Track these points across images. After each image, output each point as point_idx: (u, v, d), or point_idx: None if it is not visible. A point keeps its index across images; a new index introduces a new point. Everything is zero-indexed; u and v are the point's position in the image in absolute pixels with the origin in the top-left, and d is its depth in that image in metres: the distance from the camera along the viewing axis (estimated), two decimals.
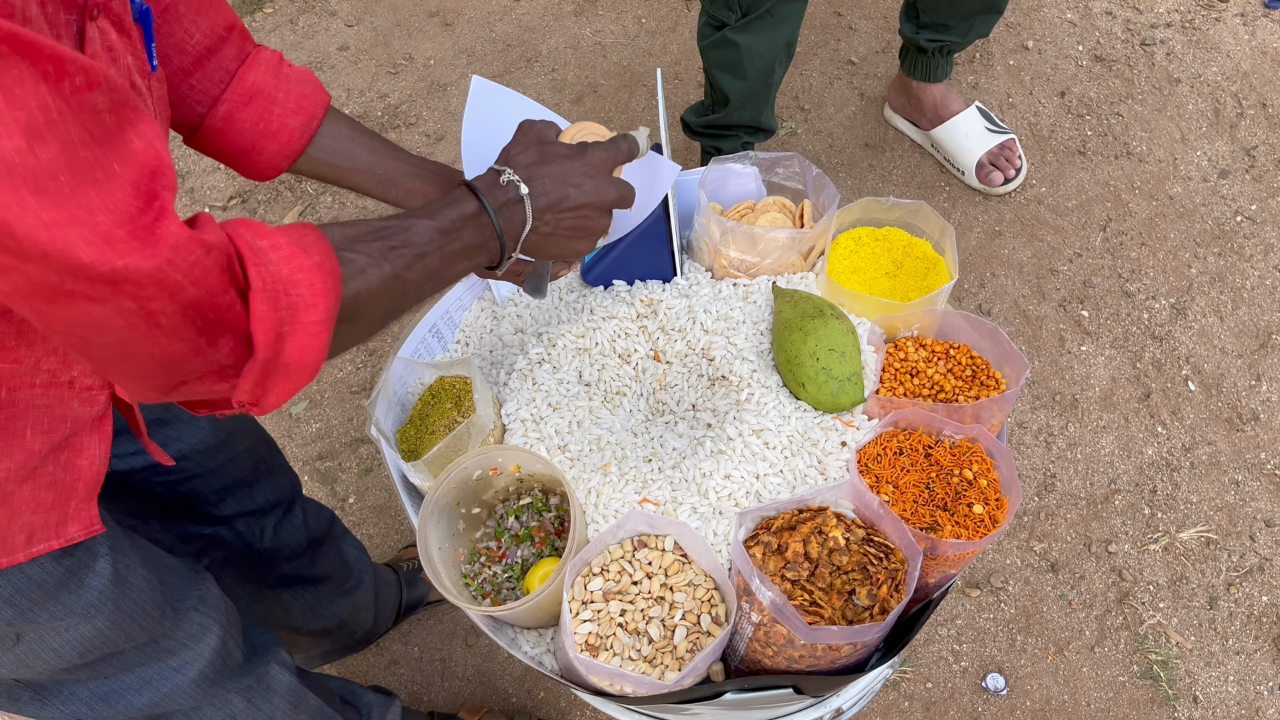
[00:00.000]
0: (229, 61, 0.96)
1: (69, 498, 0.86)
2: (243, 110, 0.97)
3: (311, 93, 1.01)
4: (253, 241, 0.66)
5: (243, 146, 0.99)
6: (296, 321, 0.67)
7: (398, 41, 2.64)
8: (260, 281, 0.65)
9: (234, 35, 0.96)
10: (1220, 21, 2.54)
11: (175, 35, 0.91)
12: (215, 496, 1.28)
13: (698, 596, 1.10)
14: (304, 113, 1.00)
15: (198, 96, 0.96)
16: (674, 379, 1.30)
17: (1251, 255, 2.17)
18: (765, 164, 1.41)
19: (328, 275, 0.69)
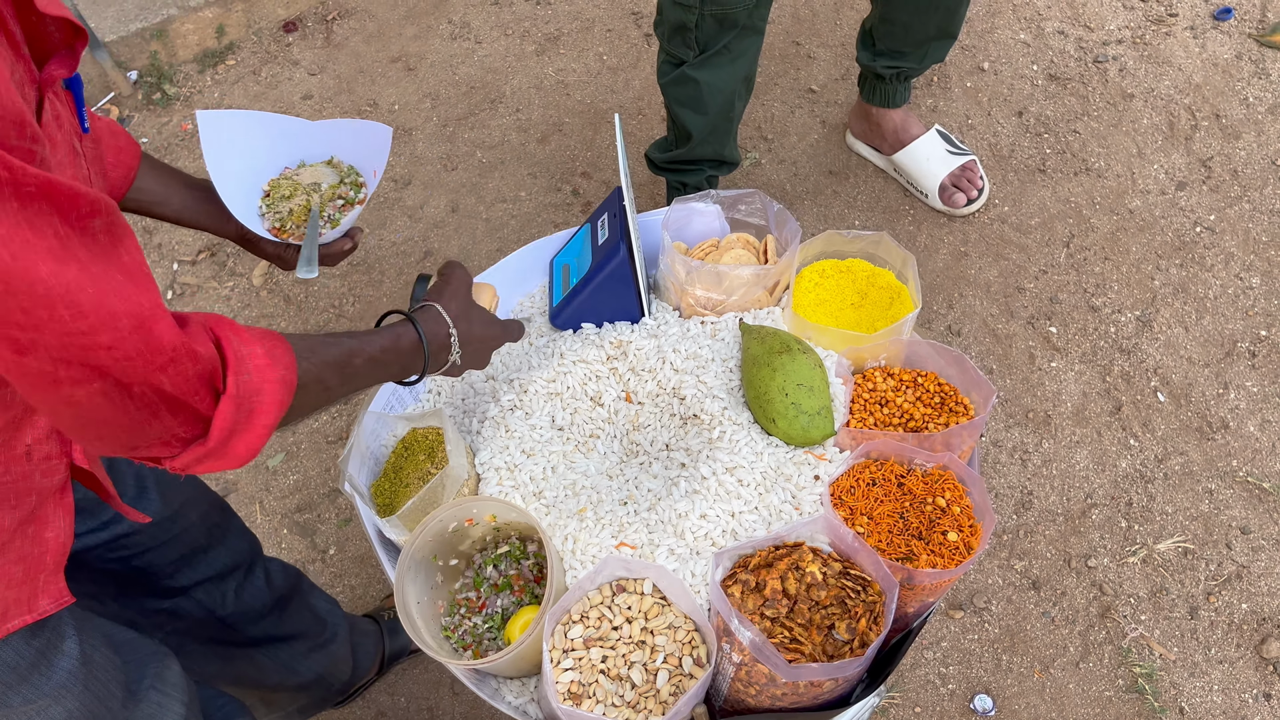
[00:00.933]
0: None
1: (38, 571, 0.86)
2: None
3: (126, 145, 1.11)
4: (238, 349, 0.76)
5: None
6: (250, 424, 0.77)
7: (361, 88, 2.65)
8: (235, 389, 0.75)
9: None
10: (1170, 36, 2.59)
11: None
12: (171, 568, 1.26)
13: (678, 639, 1.10)
14: (120, 167, 1.10)
15: None
16: (646, 419, 1.30)
17: (1212, 265, 2.20)
18: (727, 201, 1.42)
19: (286, 388, 0.79)
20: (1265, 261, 2.20)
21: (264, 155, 1.27)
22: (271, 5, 2.78)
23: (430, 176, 2.47)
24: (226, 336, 0.76)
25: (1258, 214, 2.27)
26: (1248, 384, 2.04)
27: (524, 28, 2.75)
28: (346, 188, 1.29)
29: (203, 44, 2.72)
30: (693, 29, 1.82)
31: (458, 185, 2.45)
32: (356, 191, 1.29)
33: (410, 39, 2.75)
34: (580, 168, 2.46)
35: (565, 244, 1.44)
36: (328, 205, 1.27)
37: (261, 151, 1.27)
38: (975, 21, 2.63)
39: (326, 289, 2.29)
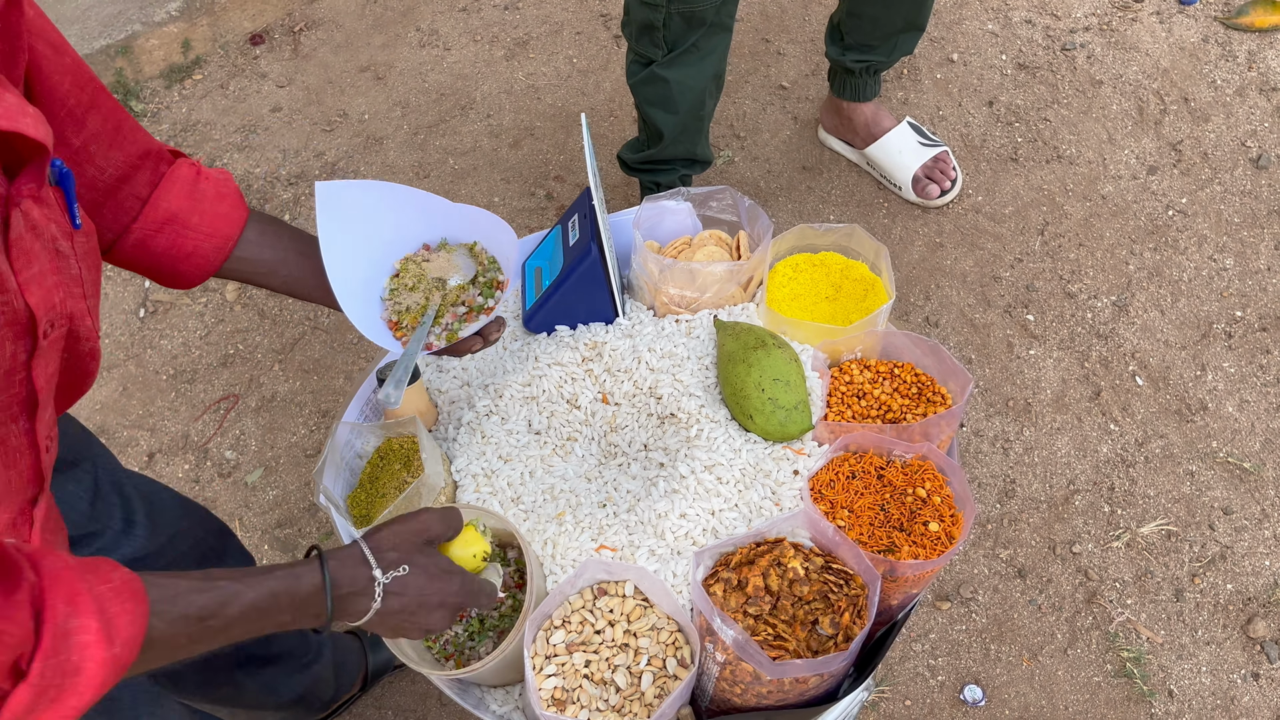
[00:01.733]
0: (140, 188, 0.97)
1: None
2: (154, 238, 0.99)
3: (228, 210, 1.02)
4: (64, 624, 0.66)
5: (157, 269, 1.02)
6: (56, 705, 0.66)
7: (330, 99, 2.63)
8: (39, 677, 0.64)
9: (147, 162, 0.97)
10: (1137, 21, 2.60)
11: (87, 174, 0.92)
12: None
13: (662, 640, 1.09)
14: (218, 236, 1.02)
15: (108, 224, 0.97)
16: (624, 420, 1.29)
17: (1186, 248, 2.21)
18: (698, 199, 1.42)
19: (114, 668, 0.69)
20: (1238, 243, 2.21)
21: (394, 231, 1.13)
22: (237, 18, 2.76)
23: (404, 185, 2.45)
24: (53, 609, 0.65)
25: (1229, 195, 2.28)
26: (1225, 365, 2.05)
27: (493, 33, 2.74)
28: (477, 290, 1.11)
29: (169, 59, 2.70)
30: (660, 28, 1.82)
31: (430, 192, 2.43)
32: (489, 296, 1.10)
33: (379, 48, 2.73)
34: (553, 171, 2.45)
35: (536, 247, 1.43)
36: (449, 311, 1.10)
37: (390, 229, 1.12)
38: (943, 13, 2.63)
39: (300, 303, 2.27)
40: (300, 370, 2.18)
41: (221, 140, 2.56)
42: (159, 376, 2.18)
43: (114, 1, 2.66)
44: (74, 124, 0.89)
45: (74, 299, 0.77)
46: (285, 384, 2.16)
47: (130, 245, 0.99)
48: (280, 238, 1.07)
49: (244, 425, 2.11)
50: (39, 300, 0.72)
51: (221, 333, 2.24)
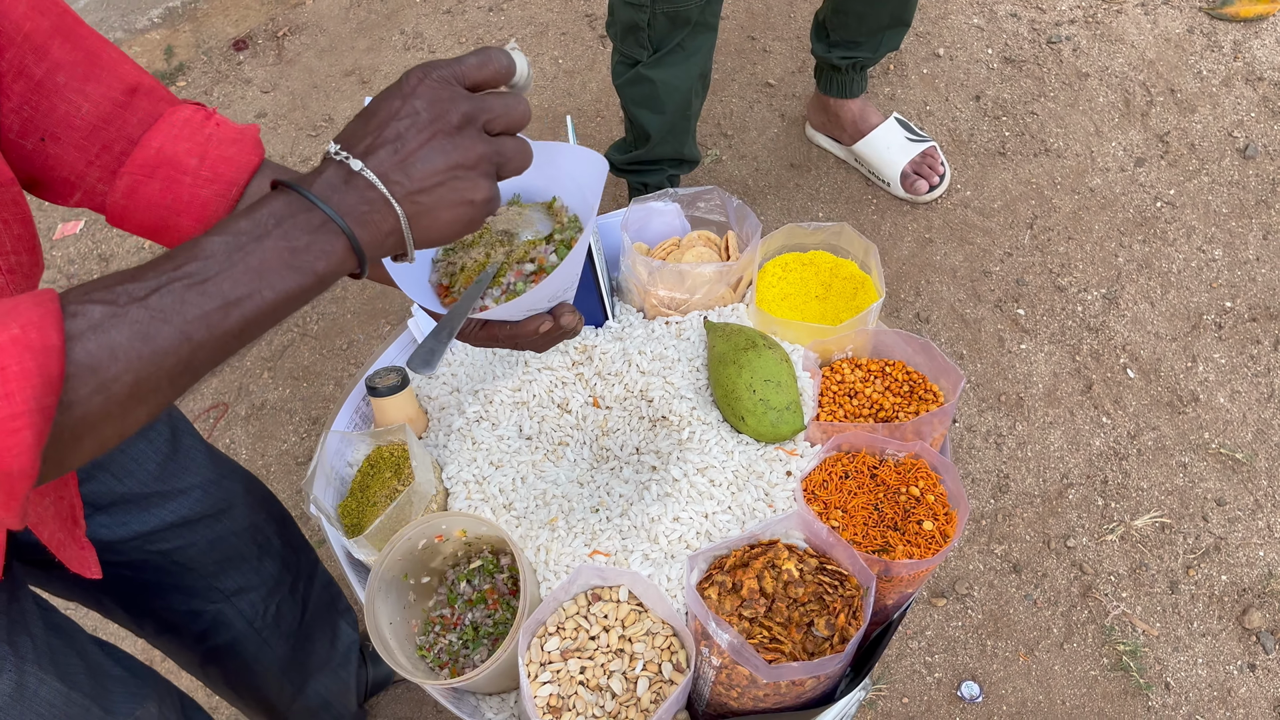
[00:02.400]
0: (130, 128, 0.84)
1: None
2: (146, 184, 0.84)
3: (235, 154, 0.86)
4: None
5: (153, 224, 0.86)
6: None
7: (315, 104, 2.62)
8: None
9: (137, 98, 0.84)
10: (1122, 13, 2.60)
11: (59, 110, 0.81)
12: (215, 568, 1.24)
13: (657, 645, 1.08)
14: (220, 180, 0.85)
15: (97, 174, 0.84)
16: (615, 424, 1.29)
17: (1175, 239, 2.21)
18: (686, 199, 1.41)
19: (30, 352, 0.53)
20: (1226, 233, 2.21)
21: None
22: (220, 24, 2.74)
23: None
24: None
25: (1217, 186, 2.28)
26: (1215, 356, 2.05)
27: (477, 35, 2.73)
28: (550, 249, 0.89)
29: (151, 66, 2.68)
30: (645, 28, 1.81)
31: None
32: (563, 253, 0.88)
33: (363, 52, 2.72)
34: None
35: None
36: (513, 268, 0.88)
37: None
38: (928, 8, 2.63)
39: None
40: (290, 377, 2.17)
41: None
42: None
43: (95, 9, 2.64)
44: (33, 52, 0.78)
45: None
46: (274, 391, 2.15)
47: (121, 195, 0.85)
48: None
49: (234, 434, 2.10)
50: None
51: None
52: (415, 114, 0.66)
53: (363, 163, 0.65)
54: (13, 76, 0.77)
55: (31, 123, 0.80)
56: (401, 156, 0.66)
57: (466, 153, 0.67)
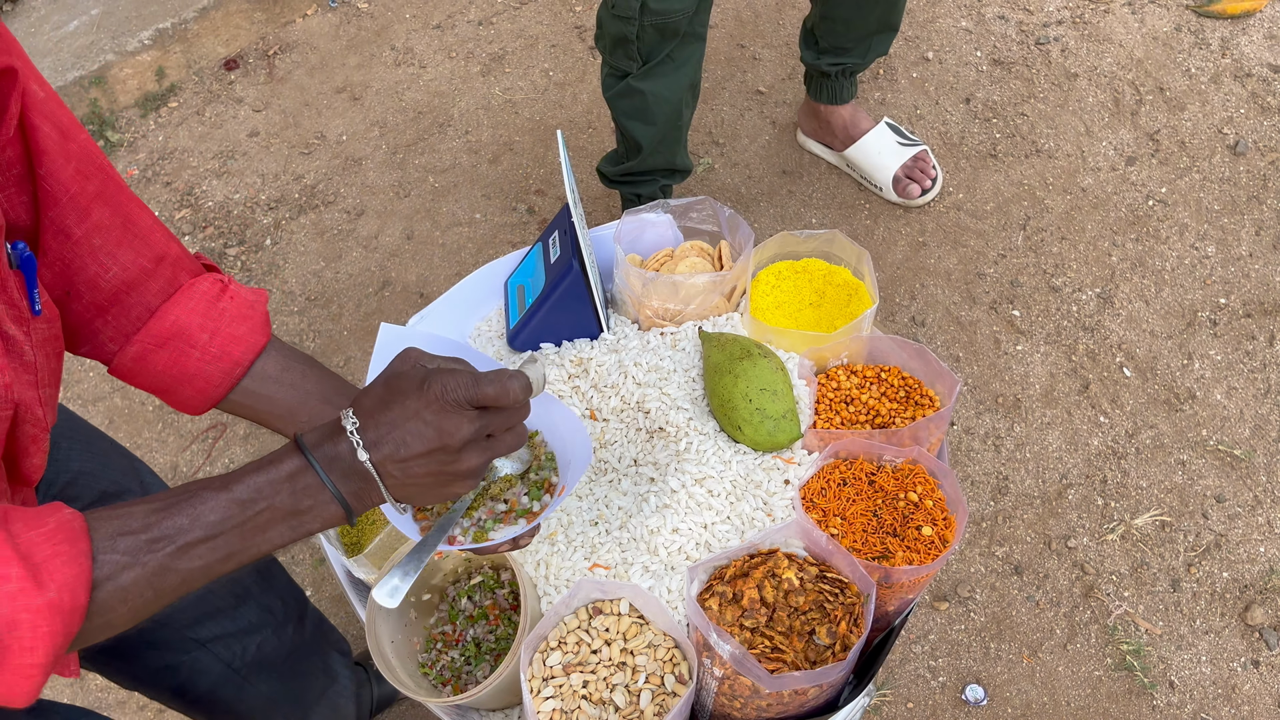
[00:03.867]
0: (151, 297, 0.89)
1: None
2: (155, 354, 0.90)
3: (245, 333, 0.92)
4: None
5: (157, 388, 0.93)
6: (5, 665, 0.61)
7: (307, 121, 2.62)
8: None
9: (162, 268, 0.89)
10: (1109, 13, 2.61)
11: (89, 271, 0.85)
12: (190, 620, 1.24)
13: (659, 657, 1.08)
14: (226, 359, 0.91)
15: (110, 334, 0.89)
16: (612, 436, 1.29)
17: (1167, 237, 2.22)
18: (678, 210, 1.41)
19: (59, 615, 0.62)
20: (1219, 230, 2.22)
21: None
22: (211, 44, 2.75)
23: (383, 205, 2.44)
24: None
25: (1208, 183, 2.29)
26: (1211, 353, 2.05)
27: (468, 49, 2.73)
28: (524, 490, 0.96)
29: (143, 88, 2.68)
30: (634, 40, 1.81)
31: (411, 212, 2.42)
32: (535, 499, 0.95)
33: (354, 68, 2.72)
34: (534, 185, 2.44)
35: (519, 264, 1.42)
36: (485, 504, 0.95)
37: None
38: (916, 12, 2.64)
39: (285, 326, 2.26)
40: None
41: (199, 167, 2.55)
42: (145, 408, 2.17)
43: (86, 32, 2.65)
44: (76, 213, 0.83)
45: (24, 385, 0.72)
46: None
47: (130, 358, 0.90)
48: (306, 377, 0.95)
49: (232, 454, 2.10)
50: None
51: None
52: (424, 425, 0.75)
53: (369, 455, 0.75)
54: (52, 234, 0.82)
55: (62, 277, 0.85)
56: (402, 458, 0.75)
57: (460, 465, 0.77)
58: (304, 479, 0.74)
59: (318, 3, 2.86)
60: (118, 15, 2.68)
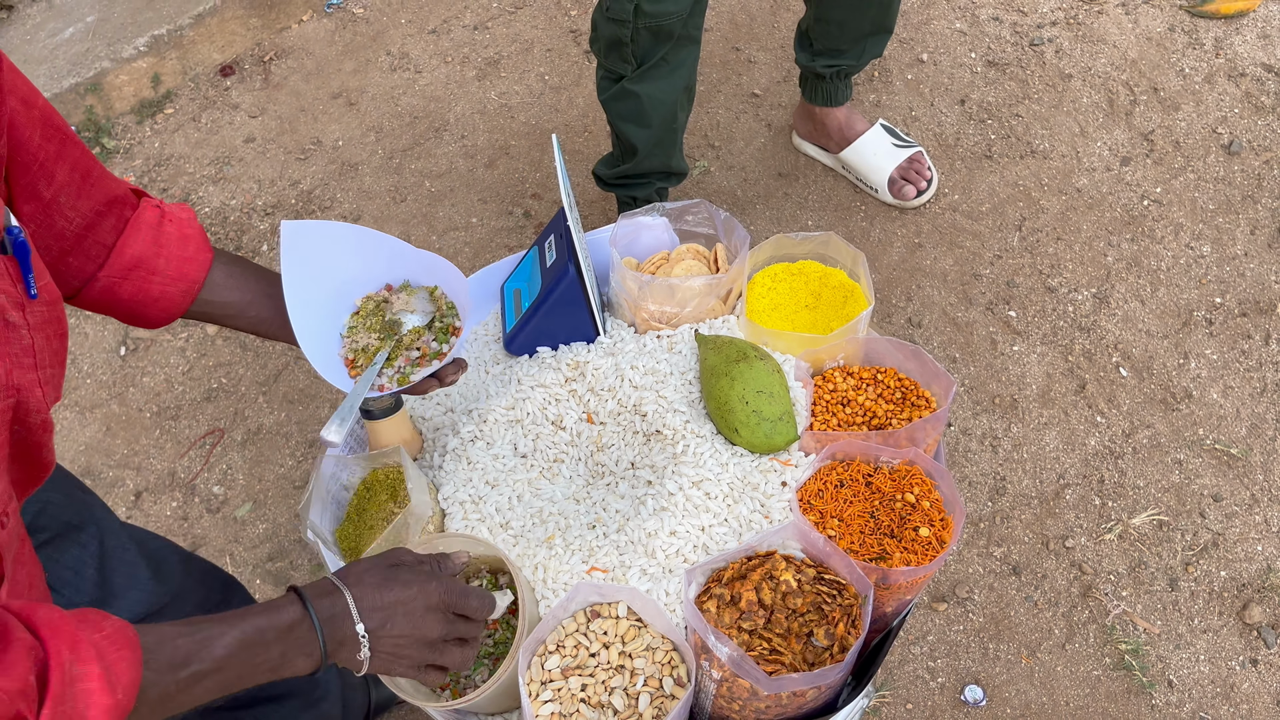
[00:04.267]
0: (106, 235, 0.97)
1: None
2: (120, 285, 0.99)
3: (193, 252, 1.02)
4: (69, 670, 0.65)
5: (122, 313, 1.03)
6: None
7: (304, 127, 2.63)
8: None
9: (112, 208, 0.97)
10: (1103, 13, 2.62)
11: (57, 225, 0.92)
12: None
13: (657, 660, 1.08)
14: (184, 279, 1.02)
15: (74, 273, 0.97)
16: (609, 439, 1.29)
17: (1163, 237, 2.22)
18: (674, 213, 1.41)
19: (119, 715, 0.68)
20: (1214, 229, 2.22)
21: (358, 270, 1.14)
22: (207, 50, 2.75)
23: (380, 210, 2.44)
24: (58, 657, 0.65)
25: (1203, 183, 2.29)
26: (1207, 352, 2.05)
27: (463, 54, 2.74)
28: (432, 335, 1.13)
29: (139, 95, 2.69)
30: (629, 43, 1.82)
31: (408, 216, 2.43)
32: (443, 342, 1.12)
33: (350, 74, 2.73)
34: (530, 189, 2.45)
35: (515, 268, 1.42)
36: (402, 354, 1.11)
37: (354, 268, 1.14)
38: (911, 14, 2.65)
39: None
40: (285, 401, 2.17)
41: (196, 173, 2.55)
42: (142, 414, 2.17)
43: (81, 39, 2.65)
44: (44, 177, 0.89)
45: (22, 369, 0.75)
46: (270, 416, 2.15)
47: (97, 292, 0.99)
48: (246, 279, 1.07)
49: (230, 459, 2.10)
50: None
51: (204, 367, 2.23)
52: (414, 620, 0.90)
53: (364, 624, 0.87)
54: (24, 199, 0.88)
55: (34, 236, 0.91)
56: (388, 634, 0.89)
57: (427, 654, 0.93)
58: (300, 630, 0.84)
59: (313, 8, 2.87)
60: (113, 22, 2.69)
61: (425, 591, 0.91)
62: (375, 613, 0.88)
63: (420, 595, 0.91)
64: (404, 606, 0.89)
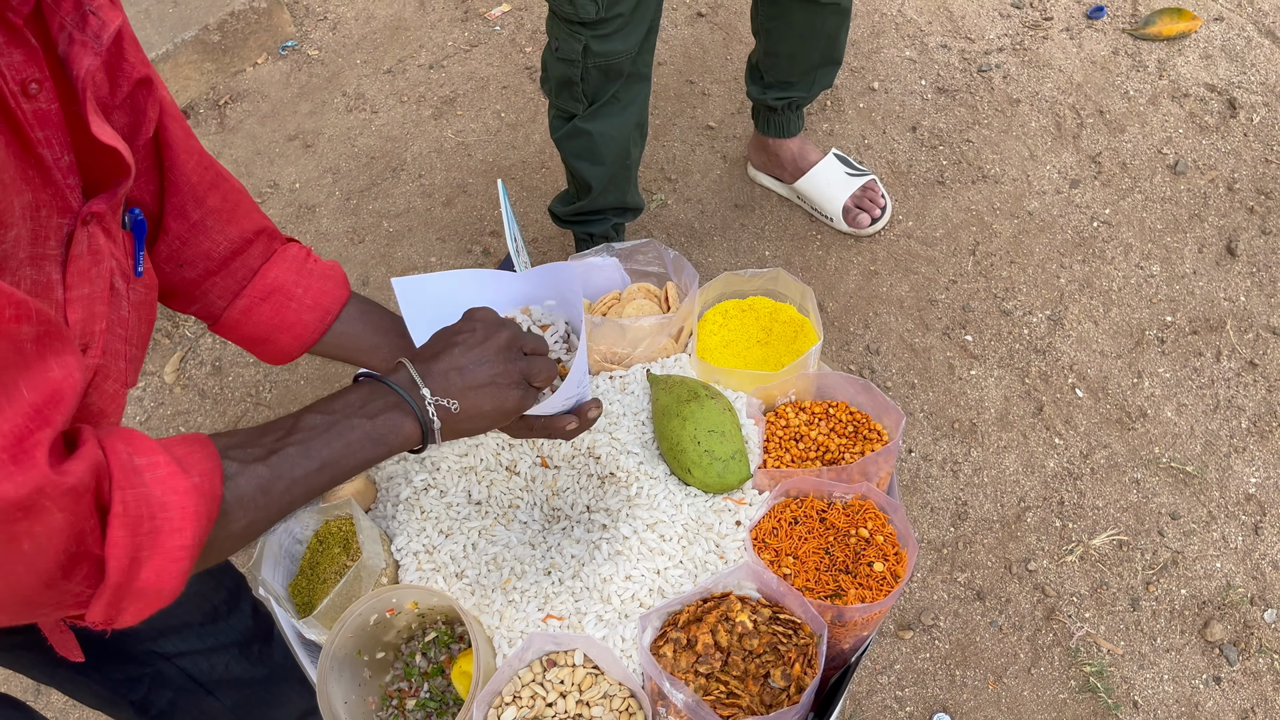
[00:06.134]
0: (253, 260, 1.05)
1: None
2: (260, 306, 1.06)
3: (332, 288, 1.08)
4: (130, 460, 0.66)
5: (259, 336, 1.08)
6: (157, 546, 0.66)
7: (260, 170, 2.62)
8: (122, 506, 0.64)
9: (261, 237, 1.05)
10: (1048, 39, 2.66)
11: (203, 246, 1.00)
12: (154, 633, 1.24)
13: (614, 708, 1.08)
14: (319, 309, 1.08)
15: (219, 293, 1.04)
16: (564, 483, 1.28)
17: (1113, 258, 2.25)
18: (624, 253, 1.42)
19: (204, 498, 0.68)
20: (1163, 249, 2.26)
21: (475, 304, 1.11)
22: None
23: (338, 252, 2.43)
24: (114, 449, 0.66)
25: (1150, 203, 2.33)
26: (1160, 370, 2.08)
27: (419, 93, 2.74)
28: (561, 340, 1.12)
29: None
30: (579, 82, 1.83)
31: (366, 257, 2.42)
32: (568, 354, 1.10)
33: (306, 115, 2.72)
34: (489, 227, 2.45)
35: None
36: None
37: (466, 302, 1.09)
38: (861, 43, 2.68)
39: (241, 378, 2.25)
40: None
41: None
42: None
43: None
44: (194, 200, 0.97)
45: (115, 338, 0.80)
46: None
47: (238, 312, 1.05)
48: (382, 319, 1.13)
49: None
50: (78, 318, 0.75)
51: (162, 416, 2.20)
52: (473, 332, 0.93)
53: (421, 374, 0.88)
54: (173, 217, 0.97)
55: (178, 253, 0.99)
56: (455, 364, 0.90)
57: (505, 368, 0.92)
58: (377, 394, 0.86)
59: (268, 51, 2.87)
60: None
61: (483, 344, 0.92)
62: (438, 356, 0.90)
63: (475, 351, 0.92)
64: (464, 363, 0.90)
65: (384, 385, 0.86)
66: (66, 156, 0.71)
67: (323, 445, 0.80)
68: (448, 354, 0.90)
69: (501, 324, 0.94)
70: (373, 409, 0.84)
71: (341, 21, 2.93)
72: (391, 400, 0.86)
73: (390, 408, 0.85)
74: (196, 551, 0.68)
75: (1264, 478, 1.93)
